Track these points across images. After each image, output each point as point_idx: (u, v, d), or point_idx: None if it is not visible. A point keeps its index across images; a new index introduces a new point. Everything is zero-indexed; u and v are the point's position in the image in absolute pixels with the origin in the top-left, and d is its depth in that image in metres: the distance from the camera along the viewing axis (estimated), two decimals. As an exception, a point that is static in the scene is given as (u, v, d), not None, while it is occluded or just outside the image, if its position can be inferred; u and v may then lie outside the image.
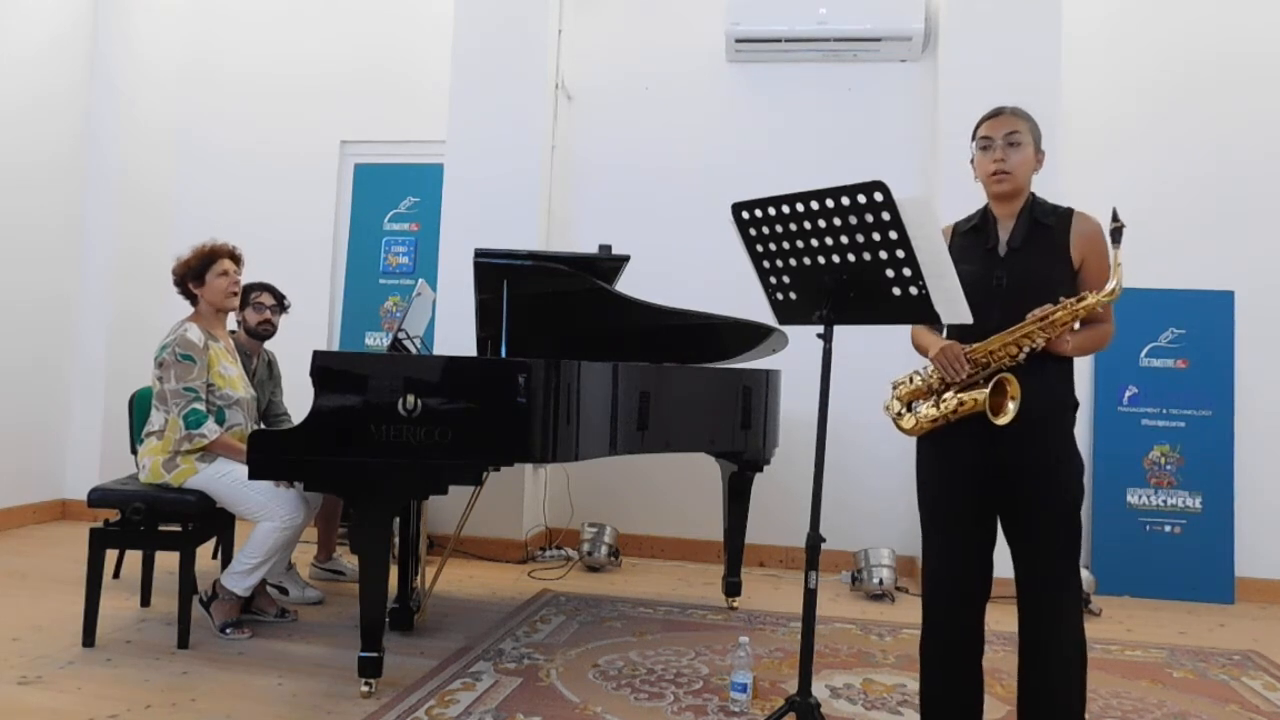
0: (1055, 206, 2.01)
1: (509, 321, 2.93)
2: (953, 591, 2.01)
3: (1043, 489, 1.92)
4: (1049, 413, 1.93)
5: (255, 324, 3.60)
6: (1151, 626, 3.52)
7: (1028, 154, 1.98)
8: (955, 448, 1.99)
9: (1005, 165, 1.96)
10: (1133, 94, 4.23)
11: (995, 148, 1.97)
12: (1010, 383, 1.87)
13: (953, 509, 2.01)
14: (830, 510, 2.05)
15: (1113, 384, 4.13)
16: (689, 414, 3.09)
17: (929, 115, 4.22)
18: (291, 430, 2.49)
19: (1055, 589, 1.91)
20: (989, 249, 2.00)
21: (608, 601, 3.56)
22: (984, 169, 2.00)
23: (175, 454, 2.89)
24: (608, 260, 3.13)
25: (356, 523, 2.57)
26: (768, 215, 1.85)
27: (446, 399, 2.45)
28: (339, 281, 5.11)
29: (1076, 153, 4.07)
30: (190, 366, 2.92)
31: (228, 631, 2.88)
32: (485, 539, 4.17)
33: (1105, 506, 4.07)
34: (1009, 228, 2.01)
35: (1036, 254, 1.96)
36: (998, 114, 2.00)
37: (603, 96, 4.61)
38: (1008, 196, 2.00)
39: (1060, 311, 1.85)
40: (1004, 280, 1.94)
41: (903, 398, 2.07)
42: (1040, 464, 1.92)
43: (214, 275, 3.06)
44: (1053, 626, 1.91)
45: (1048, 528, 1.91)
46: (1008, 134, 1.96)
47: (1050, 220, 1.98)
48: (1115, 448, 4.09)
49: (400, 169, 5.06)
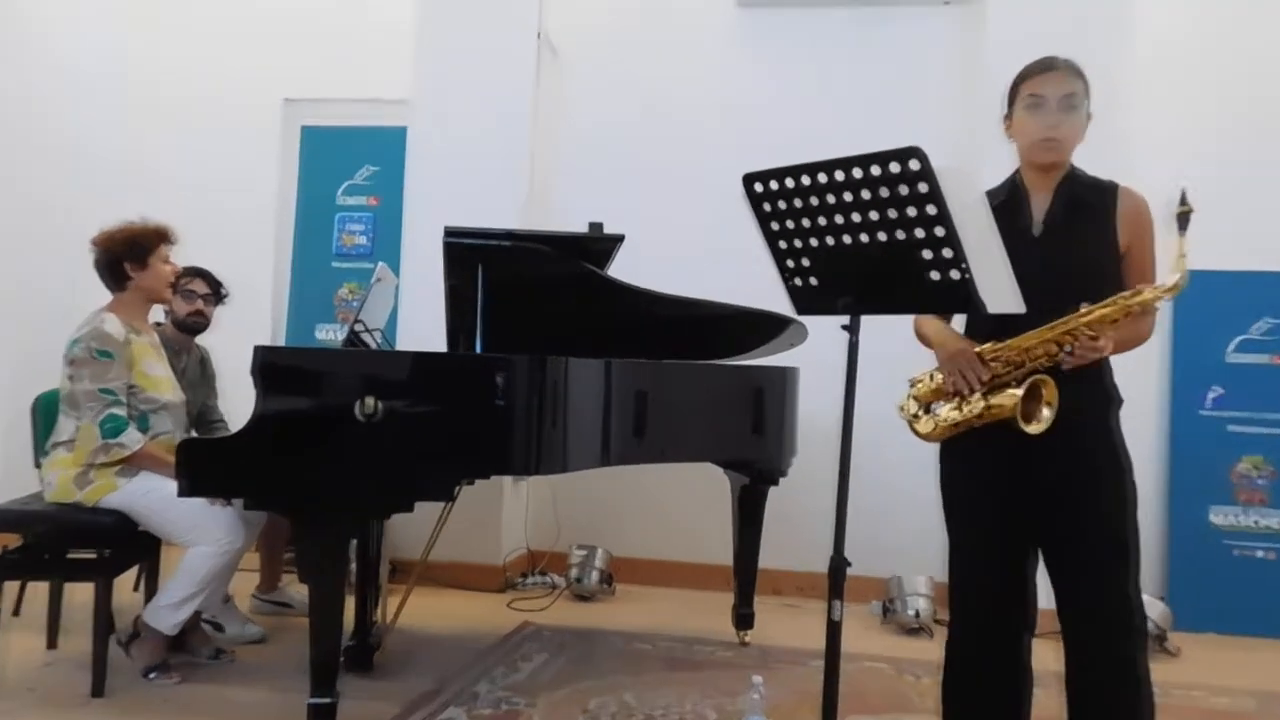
0: (1096, 179, 2.02)
1: (485, 312, 2.95)
2: (983, 620, 2.04)
3: (1084, 502, 1.94)
4: (1086, 412, 1.95)
5: (185, 315, 3.59)
6: (1239, 669, 3.54)
7: (1082, 119, 1.97)
8: (981, 456, 2.02)
9: (1058, 131, 1.95)
10: (1214, 39, 4.21)
11: (1048, 109, 1.95)
12: (1046, 386, 1.89)
13: (979, 524, 2.04)
14: (857, 530, 2.02)
15: (1193, 383, 4.13)
16: (693, 418, 3.10)
17: (973, 69, 4.17)
18: (229, 438, 2.50)
19: (1105, 624, 1.91)
20: (1021, 229, 1.99)
21: (599, 635, 3.60)
22: (1030, 133, 1.98)
23: (89, 467, 2.88)
24: (599, 240, 3.15)
25: (306, 546, 2.60)
26: (785, 188, 1.84)
27: (412, 401, 2.46)
28: (284, 265, 5.09)
29: (1147, 112, 4.04)
30: (109, 364, 2.91)
31: (152, 676, 2.88)
32: (458, 564, 4.18)
33: (1184, 528, 4.08)
34: (1044, 203, 2.02)
35: (1078, 235, 1.97)
36: (1050, 67, 1.97)
37: (593, 49, 4.62)
38: (1051, 167, 2.01)
39: (1110, 308, 1.86)
40: (1037, 265, 1.90)
41: (921, 397, 2.10)
42: (1080, 473, 1.95)
43: (158, 259, 3.06)
44: (1105, 669, 1.90)
45: (1093, 548, 1.93)
46: (1065, 95, 1.95)
47: (1093, 196, 1.99)
48: (1196, 459, 4.09)
49: (356, 132, 5.04)
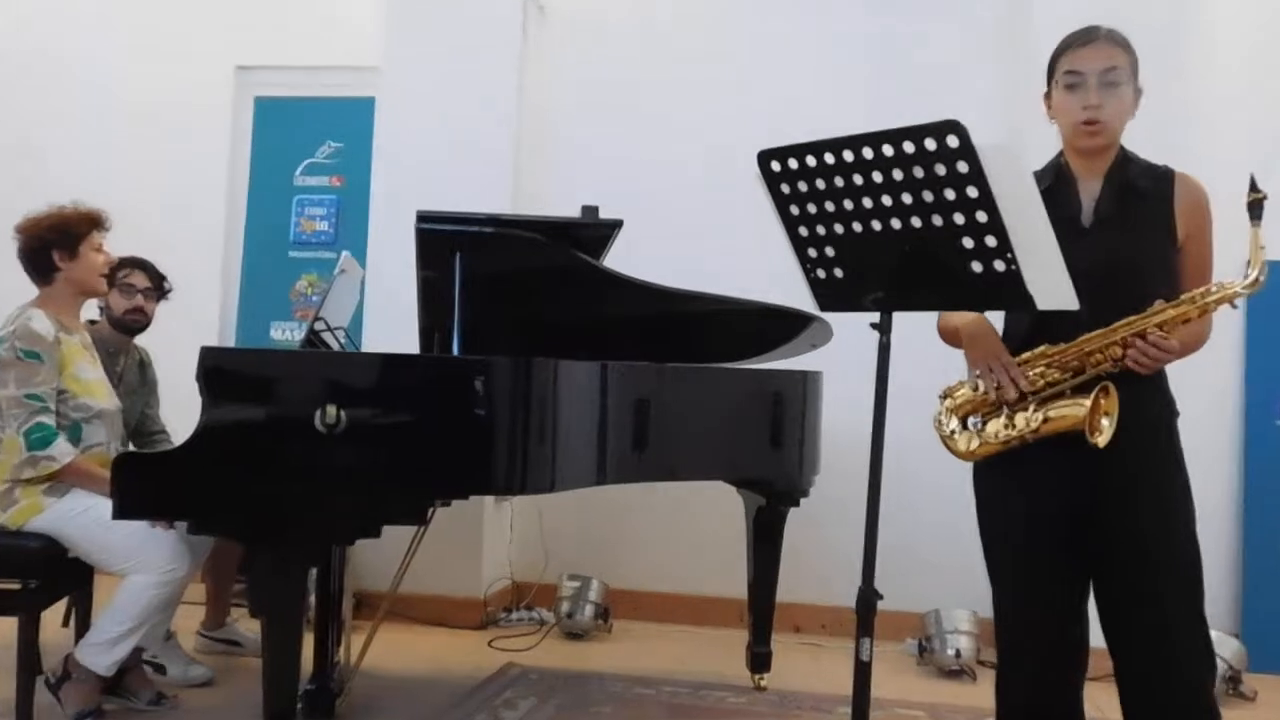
0: (1152, 165, 2.05)
1: (464, 308, 2.91)
2: (1037, 667, 2.05)
3: (1149, 522, 1.96)
4: (1148, 423, 1.98)
5: (123, 313, 3.60)
6: (1321, 714, 3.56)
7: (1127, 96, 2.01)
8: (1027, 474, 2.03)
9: (1101, 113, 1.98)
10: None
11: (1087, 87, 1.99)
12: (1108, 395, 1.93)
13: (1030, 551, 2.06)
14: (888, 558, 2.02)
15: (1267, 390, 4.14)
16: (702, 430, 3.10)
17: (1021, 33, 4.21)
18: (171, 452, 2.52)
19: (1174, 651, 1.93)
20: (1069, 218, 2.01)
21: (594, 679, 3.59)
22: (1069, 114, 2.02)
23: (13, 484, 2.89)
24: (594, 227, 3.13)
25: (259, 576, 2.58)
26: (806, 166, 1.83)
27: (380, 410, 2.48)
28: (235, 254, 5.12)
29: (1222, 88, 4.07)
30: (36, 367, 2.92)
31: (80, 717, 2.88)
32: (432, 597, 4.18)
33: (1260, 555, 4.08)
34: (1093, 191, 2.05)
35: (1133, 226, 2.01)
36: (1090, 39, 2.01)
37: (587, 13, 4.63)
38: (1098, 151, 2.04)
39: (1185, 306, 1.90)
40: (1090, 259, 1.92)
41: (959, 410, 2.09)
42: (1143, 490, 1.98)
43: (89, 248, 3.08)
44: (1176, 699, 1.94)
45: (1160, 570, 1.95)
46: (1105, 70, 1.98)
47: (1148, 183, 2.02)
48: (1272, 476, 4.10)
49: (317, 104, 5.08)
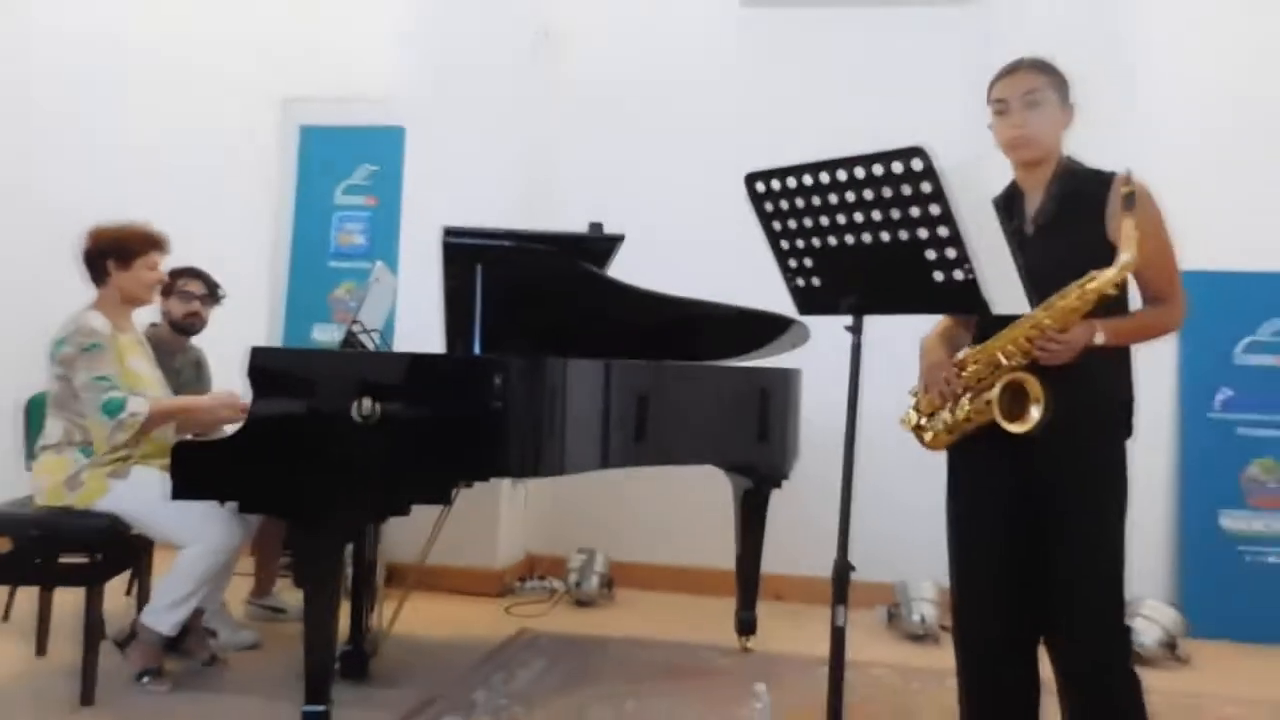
0: (1095, 172, 2.01)
1: (484, 312, 2.96)
2: (982, 632, 2.07)
3: (1072, 510, 1.95)
4: (1087, 416, 1.94)
5: (181, 316, 3.63)
6: (1253, 677, 3.53)
7: (1051, 113, 1.99)
8: (979, 461, 2.05)
9: (1024, 130, 1.98)
10: (1227, 38, 4.20)
11: (1011, 111, 2.00)
12: (1029, 384, 1.88)
13: (980, 534, 2.07)
14: (861, 534, 2.00)
15: (1202, 386, 4.14)
16: (695, 421, 3.12)
17: (980, 68, 4.10)
18: (224, 440, 2.52)
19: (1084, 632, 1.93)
20: (1017, 228, 2.01)
21: (599, 642, 3.61)
22: (1001, 136, 2.03)
23: (83, 470, 2.88)
24: (599, 240, 3.16)
25: (301, 551, 2.67)
26: (788, 187, 1.85)
27: (410, 403, 2.48)
28: (281, 265, 5.13)
29: (1154, 108, 4.05)
30: (98, 354, 2.91)
31: (145, 680, 2.86)
32: (455, 569, 4.17)
33: (1196, 533, 4.07)
34: (1037, 201, 2.04)
35: (1068, 230, 1.97)
36: (1012, 70, 2.03)
37: (594, 45, 4.62)
38: (1033, 163, 2.03)
39: (1067, 298, 1.85)
40: (1029, 264, 1.84)
41: (924, 409, 2.12)
42: (1072, 480, 1.96)
43: (144, 265, 3.09)
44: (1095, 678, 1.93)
45: (1075, 555, 1.94)
46: (1025, 93, 1.98)
47: (1087, 189, 1.98)
48: (1206, 462, 4.09)
49: (355, 132, 5.07)
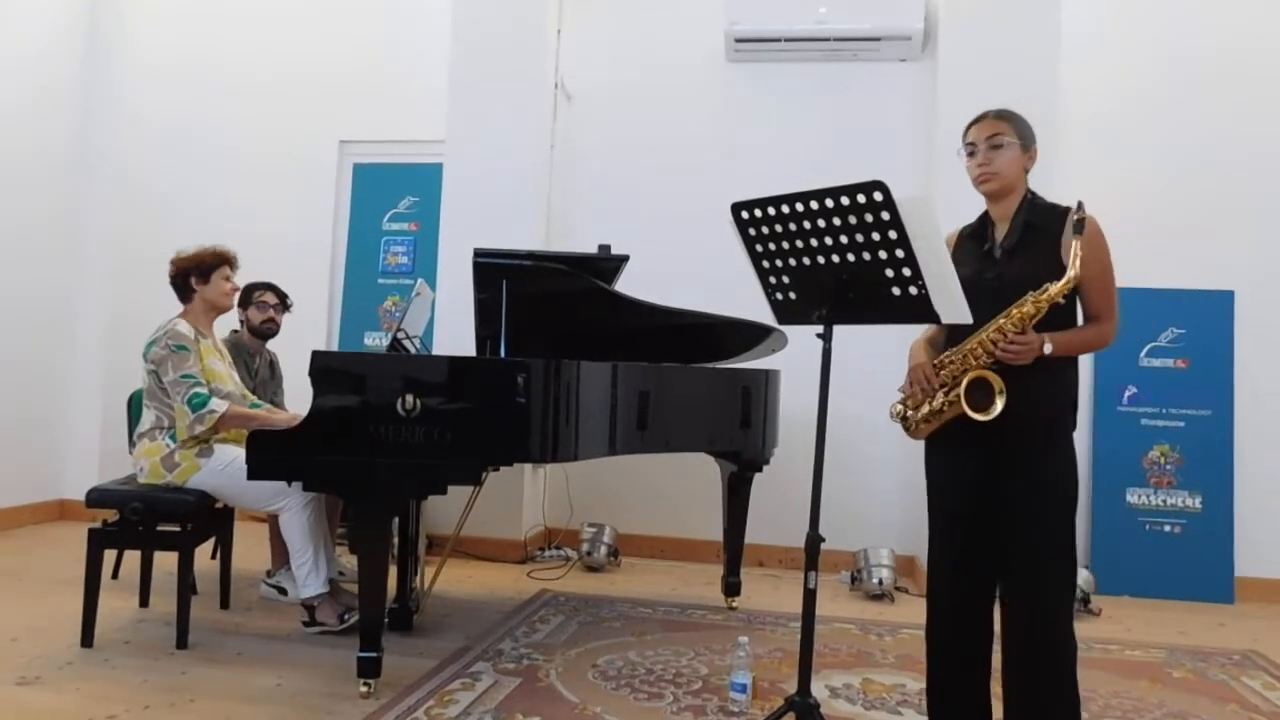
0: (1053, 206, 2.00)
1: (509, 321, 2.93)
2: (953, 585, 2.04)
3: (1031, 489, 1.93)
4: (1041, 413, 1.93)
5: (259, 323, 3.65)
6: (1151, 626, 3.53)
7: (1012, 154, 1.99)
8: (953, 445, 2.02)
9: (989, 167, 1.98)
10: (1132, 91, 4.22)
11: (978, 152, 2.00)
12: (991, 379, 1.88)
13: (951, 503, 2.04)
14: (830, 510, 2.04)
15: (1113, 384, 4.15)
16: (688, 414, 3.10)
17: (929, 114, 4.22)
18: (291, 430, 2.49)
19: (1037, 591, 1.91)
20: (986, 251, 2.02)
21: (607, 601, 3.57)
22: (970, 173, 2.03)
23: (174, 450, 2.89)
24: (607, 260, 3.14)
25: (355, 523, 2.58)
26: (767, 215, 1.87)
27: (446, 399, 2.45)
28: (338, 281, 5.12)
29: (1076, 152, 4.06)
30: (186, 355, 2.93)
31: (347, 618, 2.89)
32: (484, 539, 4.16)
33: (1105, 506, 4.08)
34: (1004, 229, 2.02)
35: (1029, 254, 1.96)
36: (980, 119, 2.03)
37: (602, 96, 4.61)
38: (998, 196, 2.02)
39: (1024, 306, 1.85)
40: (996, 281, 1.93)
41: (909, 403, 2.08)
42: (1030, 464, 1.94)
43: (219, 277, 3.11)
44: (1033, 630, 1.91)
45: (1034, 529, 1.91)
46: (989, 137, 1.99)
47: (1045, 220, 1.97)
48: (1115, 447, 4.10)
49: (399, 169, 5.05)
